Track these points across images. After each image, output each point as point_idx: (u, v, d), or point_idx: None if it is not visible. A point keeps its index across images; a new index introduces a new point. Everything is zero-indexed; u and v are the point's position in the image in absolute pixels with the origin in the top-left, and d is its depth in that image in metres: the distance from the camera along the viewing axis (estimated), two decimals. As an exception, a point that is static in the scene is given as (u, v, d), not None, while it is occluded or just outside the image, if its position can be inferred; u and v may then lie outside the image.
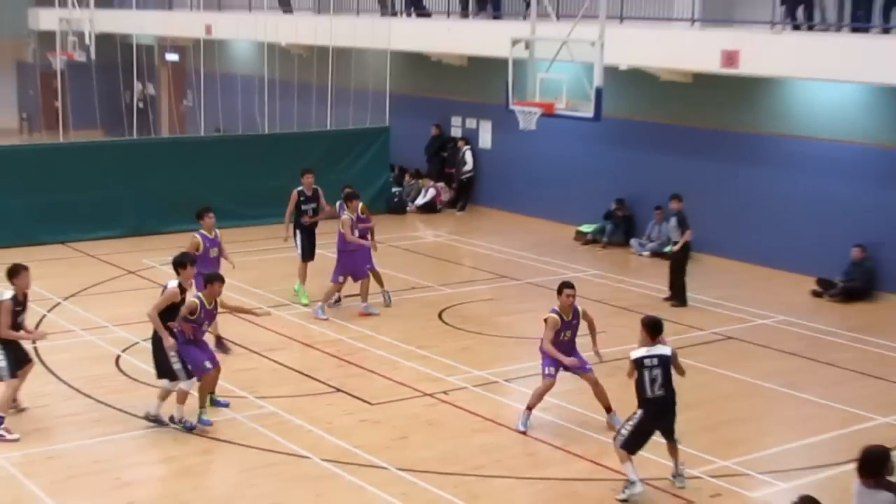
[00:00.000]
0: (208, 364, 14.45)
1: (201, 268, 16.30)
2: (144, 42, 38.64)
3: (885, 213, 21.72)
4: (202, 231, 17.97)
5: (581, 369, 14.79)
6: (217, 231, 18.16)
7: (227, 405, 15.10)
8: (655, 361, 12.70)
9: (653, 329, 12.93)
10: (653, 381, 12.67)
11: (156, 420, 14.40)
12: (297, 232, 20.57)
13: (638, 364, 12.70)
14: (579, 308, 14.86)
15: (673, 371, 12.89)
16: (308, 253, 20.62)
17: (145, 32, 37.80)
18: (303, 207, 20.58)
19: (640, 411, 12.73)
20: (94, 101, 35.09)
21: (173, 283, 14.42)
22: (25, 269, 14.55)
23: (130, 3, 35.63)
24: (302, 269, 20.58)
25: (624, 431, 12.77)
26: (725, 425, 15.09)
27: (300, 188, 20.69)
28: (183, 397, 14.18)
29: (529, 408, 14.73)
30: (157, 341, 14.29)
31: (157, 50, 43.23)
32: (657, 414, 12.76)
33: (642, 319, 13.12)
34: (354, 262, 19.83)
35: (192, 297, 14.42)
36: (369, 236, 20.16)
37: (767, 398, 16.28)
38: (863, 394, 16.40)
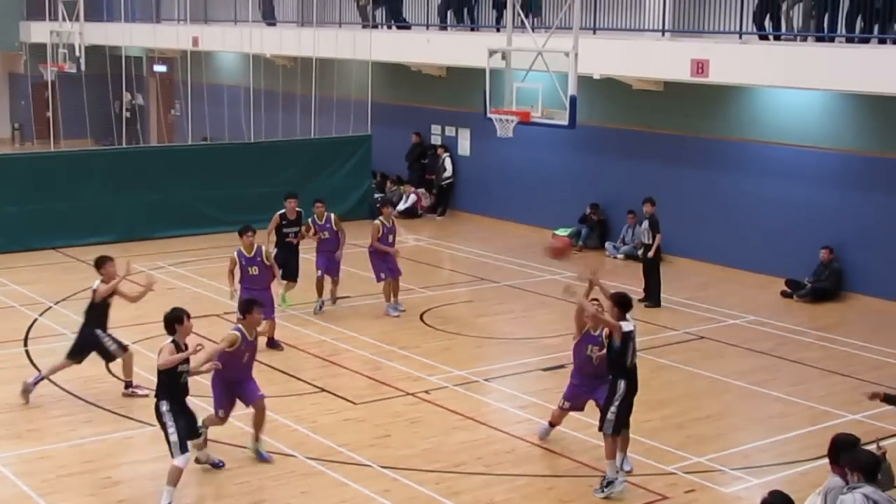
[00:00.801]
0: (221, 413, 13.64)
1: (244, 288, 17.11)
2: (133, 54, 38.75)
3: (851, 215, 21.99)
4: (241, 249, 17.91)
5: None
6: (261, 248, 18.04)
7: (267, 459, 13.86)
8: (635, 334, 12.99)
9: (625, 306, 12.96)
10: (634, 351, 12.91)
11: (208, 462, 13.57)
12: (279, 253, 19.77)
13: (626, 336, 12.74)
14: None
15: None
16: (291, 273, 20.22)
17: (134, 44, 37.89)
18: (284, 230, 20.20)
19: (621, 384, 12.80)
20: (85, 111, 35.23)
21: (168, 344, 12.86)
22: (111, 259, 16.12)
23: (119, 16, 35.83)
24: (289, 286, 20.31)
25: (611, 416, 12.79)
26: (698, 423, 15.27)
27: (283, 212, 20.26)
28: (176, 478, 12.45)
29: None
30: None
31: (145, 61, 43.34)
32: (636, 383, 13.01)
33: (613, 296, 13.12)
34: (386, 262, 20.30)
35: (233, 329, 13.61)
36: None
37: (739, 396, 16.48)
38: (831, 391, 16.62)
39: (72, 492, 12.78)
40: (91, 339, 15.76)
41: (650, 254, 21.30)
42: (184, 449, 12.36)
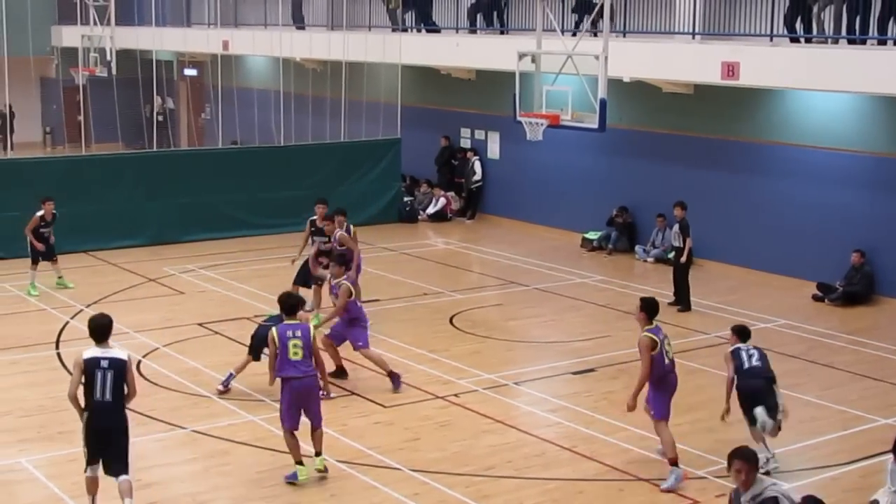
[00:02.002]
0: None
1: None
2: (164, 58, 38.94)
3: (883, 219, 21.90)
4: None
5: None
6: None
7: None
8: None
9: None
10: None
11: None
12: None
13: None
14: None
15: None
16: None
17: (165, 48, 38.10)
18: (313, 238, 20.07)
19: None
20: (116, 114, 35.44)
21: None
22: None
23: (150, 21, 35.97)
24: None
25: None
26: (728, 427, 14.87)
27: (313, 218, 20.13)
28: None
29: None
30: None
31: (176, 65, 43.58)
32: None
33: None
34: None
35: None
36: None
37: (769, 400, 16.58)
38: (863, 395, 16.55)
39: (103, 494, 12.67)
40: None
41: (682, 258, 21.22)
42: None
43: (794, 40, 21.28)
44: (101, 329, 11.85)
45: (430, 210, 30.97)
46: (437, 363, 17.83)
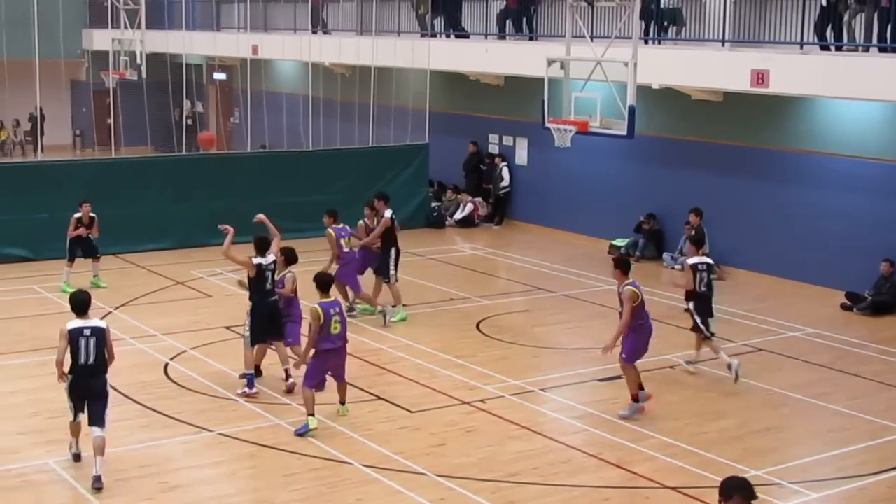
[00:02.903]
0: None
1: None
2: (193, 62, 39.10)
3: (913, 228, 21.83)
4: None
5: None
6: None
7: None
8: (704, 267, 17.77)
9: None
10: (702, 279, 17.67)
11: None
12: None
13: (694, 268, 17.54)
14: None
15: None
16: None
17: (194, 52, 38.26)
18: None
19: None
20: (145, 118, 35.60)
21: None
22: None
23: (180, 24, 36.20)
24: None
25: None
26: (756, 435, 15.18)
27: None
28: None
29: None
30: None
31: (205, 69, 43.73)
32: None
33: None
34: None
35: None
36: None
37: (797, 409, 16.33)
38: (891, 405, 16.43)
39: (129, 496, 12.87)
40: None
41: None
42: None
43: (825, 48, 21.22)
44: (81, 304, 13.51)
45: (458, 215, 30.99)
46: (463, 369, 17.81)
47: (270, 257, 16.53)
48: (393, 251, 20.76)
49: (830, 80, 20.71)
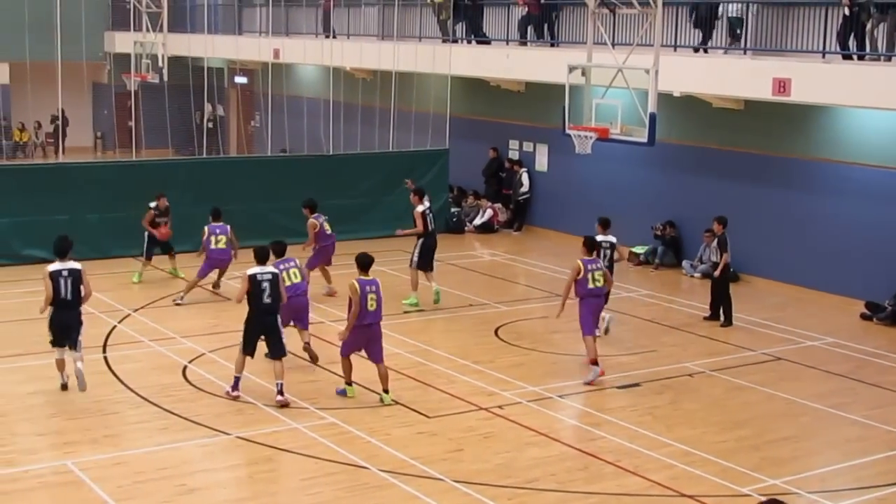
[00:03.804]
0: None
1: None
2: (215, 65, 39.20)
3: (934, 238, 21.69)
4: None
5: None
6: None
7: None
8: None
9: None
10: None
11: None
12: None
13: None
14: None
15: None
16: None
17: (216, 56, 38.36)
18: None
19: None
20: (166, 121, 35.68)
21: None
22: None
23: (202, 28, 36.29)
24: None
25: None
26: (774, 444, 15.16)
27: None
28: None
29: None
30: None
31: (226, 73, 43.82)
32: None
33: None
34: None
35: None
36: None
37: (816, 418, 16.31)
38: (910, 416, 16.39)
39: (147, 498, 12.91)
40: None
41: (716, 273, 21.16)
42: None
43: (847, 57, 21.18)
44: (63, 248, 16.14)
45: (477, 221, 31.00)
46: (481, 374, 17.81)
47: (268, 268, 16.49)
48: (420, 241, 21.93)
49: (852, 89, 20.70)
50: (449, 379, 17.52)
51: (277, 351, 16.28)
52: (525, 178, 30.87)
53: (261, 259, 16.50)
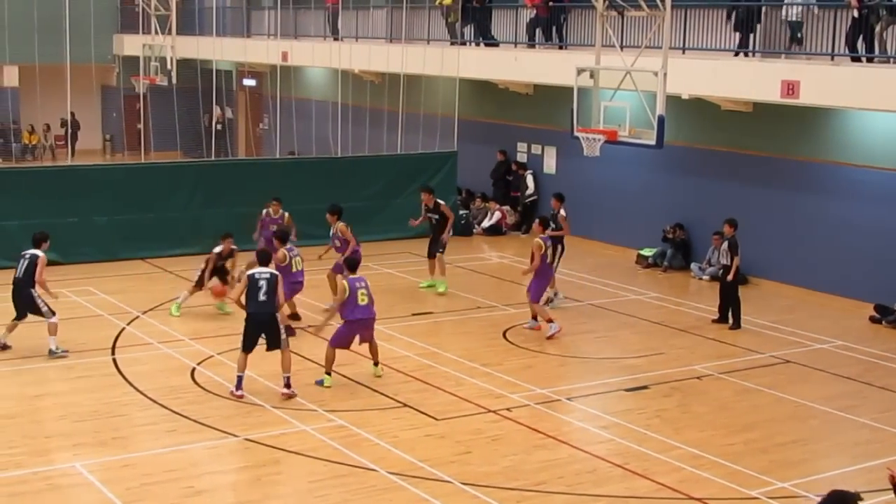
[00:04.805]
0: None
1: None
2: (223, 68, 39.28)
3: (944, 241, 21.64)
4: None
5: None
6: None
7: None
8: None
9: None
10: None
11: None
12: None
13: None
14: None
15: None
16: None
17: (224, 59, 38.40)
18: (429, 215, 23.60)
19: None
20: (175, 123, 35.73)
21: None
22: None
23: (211, 31, 36.30)
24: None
25: None
26: (783, 447, 15.13)
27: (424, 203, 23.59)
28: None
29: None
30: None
31: (235, 75, 43.92)
32: None
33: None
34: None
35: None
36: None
37: (824, 421, 16.28)
38: (919, 419, 16.33)
39: (155, 500, 12.92)
40: None
41: (729, 277, 21.12)
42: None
43: (856, 59, 21.13)
44: (35, 239, 18.64)
45: (485, 224, 31.00)
46: (489, 377, 17.79)
47: (268, 269, 16.59)
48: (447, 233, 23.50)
49: (861, 91, 20.66)
50: (457, 381, 17.51)
51: (275, 343, 16.35)
52: (530, 181, 30.85)
53: (262, 261, 16.71)
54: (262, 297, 16.20)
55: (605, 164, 25.95)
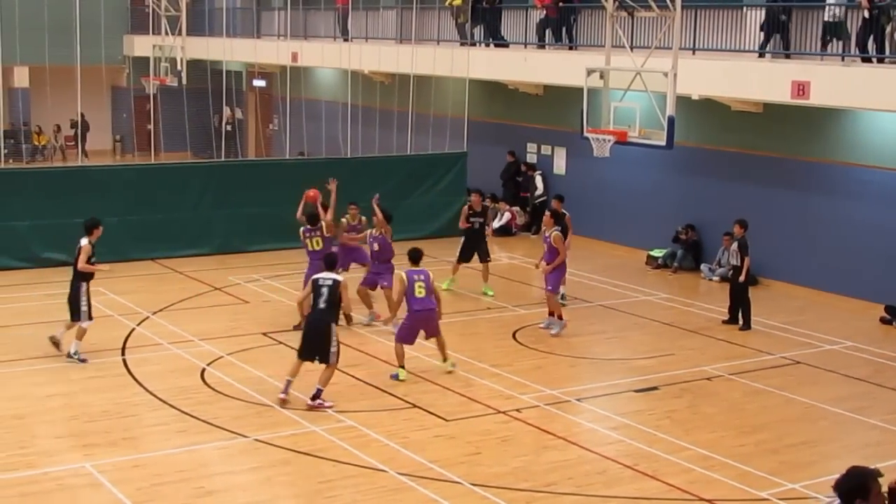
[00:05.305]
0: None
1: None
2: (233, 68, 39.29)
3: (954, 241, 21.59)
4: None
5: None
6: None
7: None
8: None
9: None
10: None
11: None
12: (466, 238, 23.66)
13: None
14: None
15: None
16: (483, 254, 23.57)
17: (234, 59, 38.43)
18: (471, 219, 23.47)
19: None
20: (185, 124, 35.78)
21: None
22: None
23: (221, 31, 36.35)
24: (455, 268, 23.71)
25: None
26: (793, 449, 15.12)
27: (469, 203, 23.89)
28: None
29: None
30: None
31: (245, 76, 43.96)
32: None
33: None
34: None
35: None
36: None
37: (834, 423, 16.25)
38: (930, 420, 16.29)
39: (165, 500, 12.93)
40: None
41: (741, 278, 21.08)
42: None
43: (867, 60, 21.10)
44: (86, 227, 18.34)
45: (495, 224, 30.97)
46: (499, 378, 17.79)
47: (332, 275, 16.37)
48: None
49: (872, 91, 20.63)
50: (467, 382, 17.51)
51: (324, 356, 16.00)
52: (539, 182, 30.86)
53: (328, 265, 16.63)
54: (321, 305, 15.99)
55: (615, 164, 25.96)
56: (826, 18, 22.44)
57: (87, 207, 25.07)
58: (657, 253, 26.79)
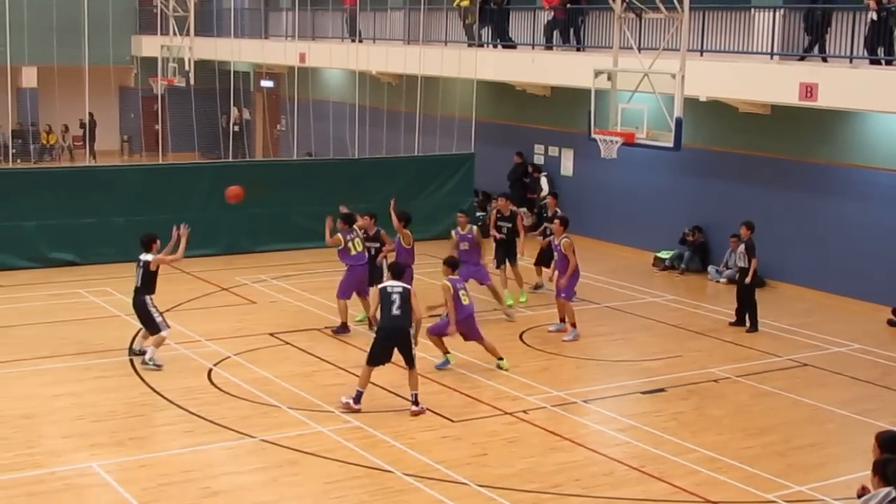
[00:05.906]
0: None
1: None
2: (241, 69, 39.33)
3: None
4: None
5: None
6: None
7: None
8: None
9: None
10: None
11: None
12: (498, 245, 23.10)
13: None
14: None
15: None
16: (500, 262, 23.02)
17: (242, 60, 38.51)
18: (499, 223, 22.94)
19: None
20: (192, 124, 35.81)
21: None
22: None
23: (229, 32, 36.41)
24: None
25: None
26: (800, 451, 15.10)
27: (498, 207, 23.32)
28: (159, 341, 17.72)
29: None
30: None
31: (252, 77, 43.99)
32: None
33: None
34: None
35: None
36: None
37: (842, 425, 16.22)
38: (938, 423, 16.25)
39: (171, 501, 12.94)
40: None
41: (747, 279, 21.05)
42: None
43: (875, 62, 21.07)
44: (143, 244, 18.31)
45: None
46: (506, 379, 17.78)
47: (399, 282, 16.32)
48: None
49: (880, 93, 20.57)
50: (474, 383, 17.50)
51: (409, 359, 16.03)
52: (544, 183, 30.79)
53: (396, 274, 16.56)
54: (395, 311, 15.93)
55: (623, 166, 25.93)
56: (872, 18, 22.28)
57: (95, 207, 25.24)
58: (664, 254, 26.76)
